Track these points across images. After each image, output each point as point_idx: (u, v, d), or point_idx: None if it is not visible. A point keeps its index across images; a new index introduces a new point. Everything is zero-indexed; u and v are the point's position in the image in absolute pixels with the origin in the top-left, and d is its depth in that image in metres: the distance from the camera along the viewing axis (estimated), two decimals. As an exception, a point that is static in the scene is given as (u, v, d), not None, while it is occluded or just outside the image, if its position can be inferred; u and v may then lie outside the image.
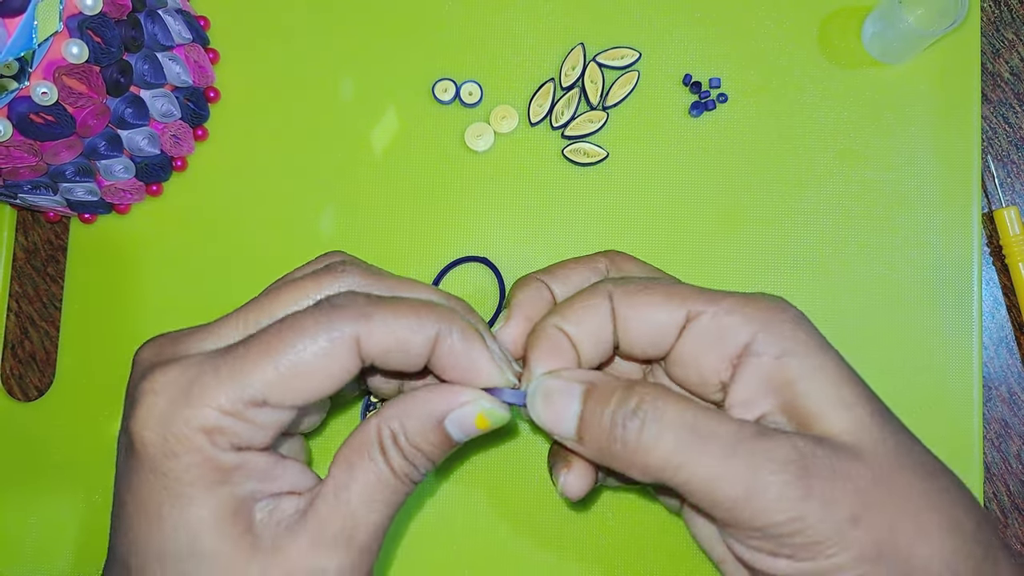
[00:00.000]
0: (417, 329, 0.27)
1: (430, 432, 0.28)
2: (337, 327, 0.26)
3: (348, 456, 0.28)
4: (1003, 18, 0.46)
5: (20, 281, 0.46)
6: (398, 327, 0.27)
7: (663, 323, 0.29)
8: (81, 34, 0.34)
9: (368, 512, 0.28)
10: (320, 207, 0.44)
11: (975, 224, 0.42)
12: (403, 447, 0.28)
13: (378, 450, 0.28)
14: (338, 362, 0.26)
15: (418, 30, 0.45)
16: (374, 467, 0.28)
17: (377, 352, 0.27)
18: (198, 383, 0.26)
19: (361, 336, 0.27)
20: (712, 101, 0.43)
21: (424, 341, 0.28)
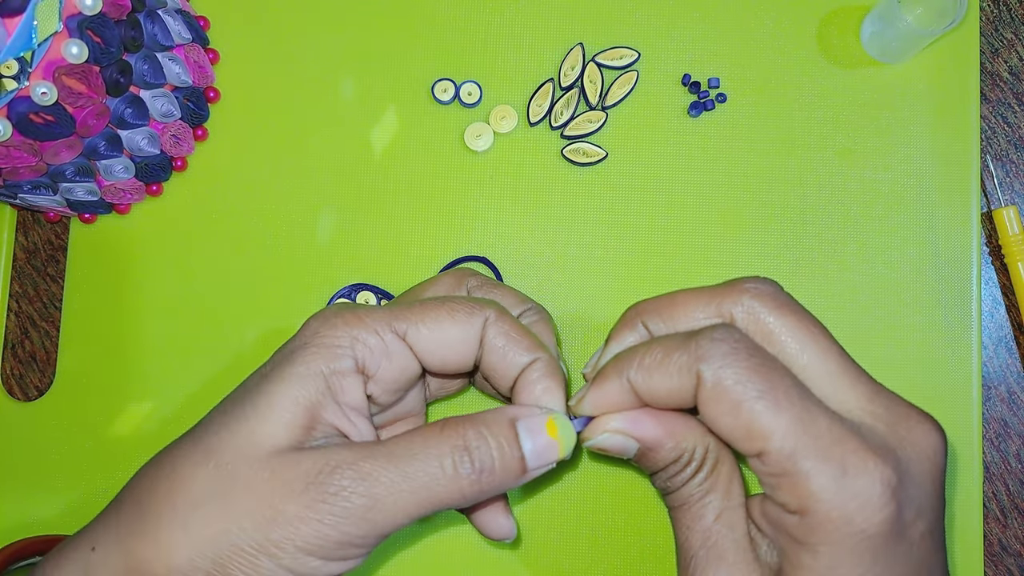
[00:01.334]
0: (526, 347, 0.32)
1: (502, 430, 0.29)
2: (478, 310, 0.31)
3: (412, 430, 0.29)
4: (1002, 18, 0.46)
5: (20, 281, 0.46)
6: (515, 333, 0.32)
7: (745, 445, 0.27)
8: (81, 34, 0.34)
9: (396, 476, 0.27)
10: (320, 207, 0.44)
11: (974, 224, 0.42)
12: (469, 436, 0.28)
13: (438, 431, 0.28)
14: (469, 337, 0.31)
15: (417, 30, 0.45)
16: (426, 442, 0.28)
17: (489, 347, 0.31)
18: (367, 309, 0.31)
19: (488, 323, 0.31)
20: (711, 101, 0.43)
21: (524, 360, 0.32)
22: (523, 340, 0.32)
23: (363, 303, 0.32)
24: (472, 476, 0.28)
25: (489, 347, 0.31)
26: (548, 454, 0.29)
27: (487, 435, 0.28)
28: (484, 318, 0.31)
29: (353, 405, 0.30)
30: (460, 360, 0.31)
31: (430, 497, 0.28)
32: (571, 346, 0.43)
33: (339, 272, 0.43)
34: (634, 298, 0.43)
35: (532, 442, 0.29)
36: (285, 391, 0.28)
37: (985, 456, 0.43)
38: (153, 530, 0.27)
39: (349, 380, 0.30)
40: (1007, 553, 0.43)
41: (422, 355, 0.31)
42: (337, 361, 0.29)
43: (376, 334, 0.30)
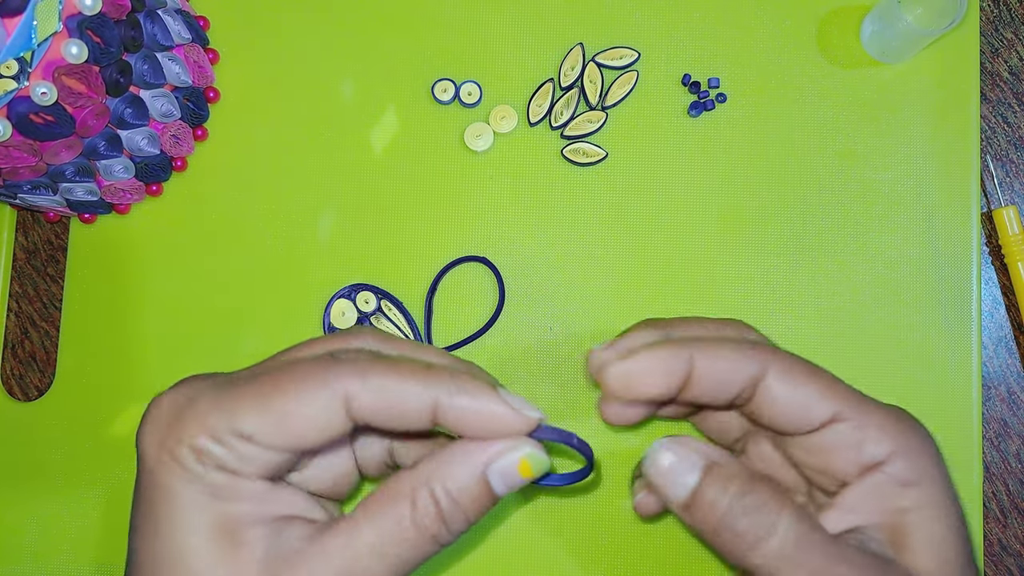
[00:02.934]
0: (413, 392, 0.27)
1: (473, 486, 0.27)
2: (330, 381, 0.26)
3: (373, 501, 0.27)
4: (1002, 17, 0.46)
5: (20, 281, 0.46)
6: (392, 389, 0.27)
7: (810, 414, 0.30)
8: (80, 34, 0.34)
9: (377, 562, 0.26)
10: (320, 207, 0.44)
11: (974, 223, 0.42)
12: (440, 501, 0.27)
13: (408, 503, 0.27)
14: (326, 416, 0.26)
15: (418, 30, 0.45)
16: (397, 518, 0.26)
17: (369, 413, 0.27)
18: (194, 405, 0.27)
19: (350, 394, 0.26)
20: (711, 101, 0.43)
21: (422, 404, 0.27)
22: (408, 383, 0.27)
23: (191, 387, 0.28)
24: (450, 537, 0.27)
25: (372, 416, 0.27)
26: (519, 484, 0.28)
27: (458, 498, 0.27)
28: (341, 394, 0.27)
29: (262, 491, 0.27)
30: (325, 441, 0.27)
31: (410, 565, 0.27)
32: (571, 345, 0.43)
33: (339, 272, 0.43)
34: (634, 297, 0.43)
35: (505, 485, 0.28)
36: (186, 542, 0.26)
37: (985, 456, 0.43)
38: None
39: (233, 485, 0.26)
40: (1007, 553, 0.43)
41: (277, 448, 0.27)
42: (201, 483, 0.26)
43: (215, 440, 0.26)
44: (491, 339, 0.43)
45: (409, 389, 0.27)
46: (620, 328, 0.42)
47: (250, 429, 0.26)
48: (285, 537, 0.26)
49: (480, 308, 0.43)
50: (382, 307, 0.43)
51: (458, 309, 0.43)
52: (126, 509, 0.43)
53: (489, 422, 0.27)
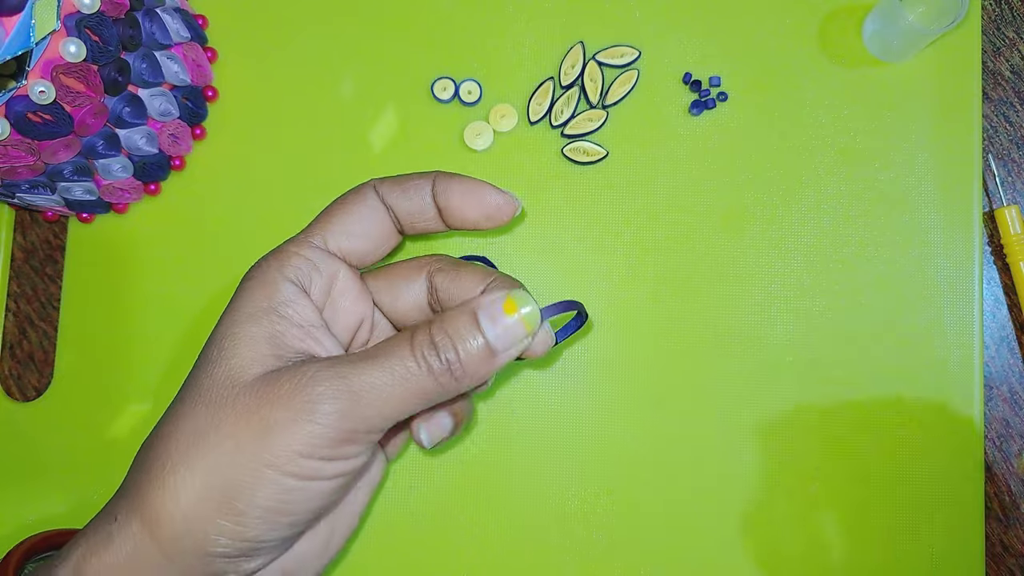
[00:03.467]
0: (417, 178, 0.34)
1: (463, 322, 0.30)
2: (362, 188, 0.34)
3: (375, 350, 0.30)
4: (1004, 16, 0.46)
5: (18, 281, 0.46)
6: (403, 178, 0.34)
7: None
8: (79, 33, 0.34)
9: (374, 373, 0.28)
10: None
11: (976, 223, 0.42)
12: (433, 332, 0.29)
13: (407, 346, 0.29)
14: (372, 208, 0.34)
15: (417, 29, 0.45)
16: (399, 361, 0.29)
17: (393, 199, 0.34)
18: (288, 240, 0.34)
19: (377, 186, 0.34)
20: (712, 99, 0.43)
21: (422, 183, 0.34)
22: (411, 175, 0.34)
23: None
24: (443, 367, 0.29)
25: (393, 201, 0.34)
26: (514, 333, 0.30)
27: (449, 330, 0.29)
28: (372, 187, 0.34)
29: (312, 323, 0.31)
30: (380, 231, 0.34)
31: (409, 390, 0.29)
32: (570, 345, 0.43)
33: (338, 272, 0.43)
34: (633, 297, 0.43)
35: (493, 325, 0.30)
36: (242, 331, 0.30)
37: (987, 456, 0.43)
38: (159, 478, 0.28)
39: (297, 303, 0.31)
40: (1008, 553, 0.43)
41: (350, 246, 0.33)
42: (275, 289, 0.31)
43: (296, 254, 0.32)
44: (491, 339, 0.43)
45: (414, 177, 0.34)
46: (619, 326, 0.42)
47: (326, 236, 0.33)
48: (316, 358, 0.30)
49: (480, 308, 0.43)
50: (382, 307, 0.43)
51: (458, 309, 0.43)
52: (125, 510, 0.43)
53: (473, 192, 0.33)
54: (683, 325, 0.42)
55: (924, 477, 0.41)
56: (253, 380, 0.29)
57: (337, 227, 0.33)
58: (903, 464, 0.41)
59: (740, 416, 0.42)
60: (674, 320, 0.42)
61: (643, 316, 0.43)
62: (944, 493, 0.41)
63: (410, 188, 0.34)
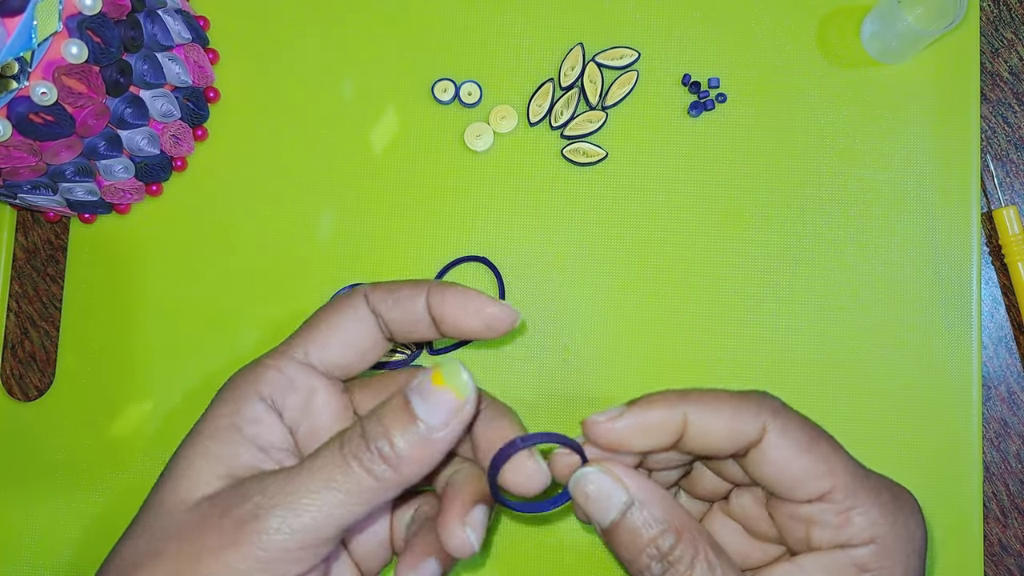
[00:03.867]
0: (410, 287, 0.32)
1: (394, 409, 0.28)
2: (353, 296, 0.32)
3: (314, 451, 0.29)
4: (1002, 17, 0.46)
5: (20, 281, 0.46)
6: (396, 287, 0.32)
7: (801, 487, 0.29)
8: (80, 34, 0.34)
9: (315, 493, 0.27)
10: (320, 207, 0.44)
11: (974, 224, 0.42)
12: (366, 429, 0.28)
13: (339, 436, 0.28)
14: (361, 319, 0.32)
15: (418, 30, 0.45)
16: (332, 450, 0.28)
17: (385, 311, 0.32)
18: (266, 353, 0.32)
19: (368, 294, 0.32)
20: (711, 101, 0.43)
21: (415, 293, 0.32)
22: (403, 284, 0.32)
23: None
24: (376, 458, 0.27)
25: (386, 312, 0.32)
26: (445, 407, 0.28)
27: (380, 417, 0.28)
28: (362, 296, 0.32)
29: (277, 444, 0.30)
30: (368, 344, 0.32)
31: (348, 491, 0.27)
32: (570, 345, 0.43)
33: (339, 272, 0.43)
34: (633, 298, 0.43)
35: (424, 402, 0.28)
36: (197, 449, 0.29)
37: (985, 456, 0.43)
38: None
39: (263, 422, 0.30)
40: (1007, 553, 0.43)
41: (331, 362, 0.32)
42: (242, 406, 0.30)
43: (272, 368, 0.31)
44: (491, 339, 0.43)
45: (407, 285, 0.32)
46: (619, 327, 0.42)
47: (308, 350, 0.31)
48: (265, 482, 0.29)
49: (480, 308, 0.43)
50: (382, 307, 0.43)
51: (458, 309, 0.43)
52: (126, 508, 0.43)
53: (467, 305, 0.31)
54: (683, 325, 0.42)
55: (922, 477, 0.41)
56: (195, 504, 0.28)
57: (321, 339, 0.32)
58: (901, 464, 0.41)
59: (739, 416, 0.42)
60: (674, 320, 0.43)
61: (643, 317, 0.43)
62: (942, 493, 0.41)
63: (403, 298, 0.32)
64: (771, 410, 0.29)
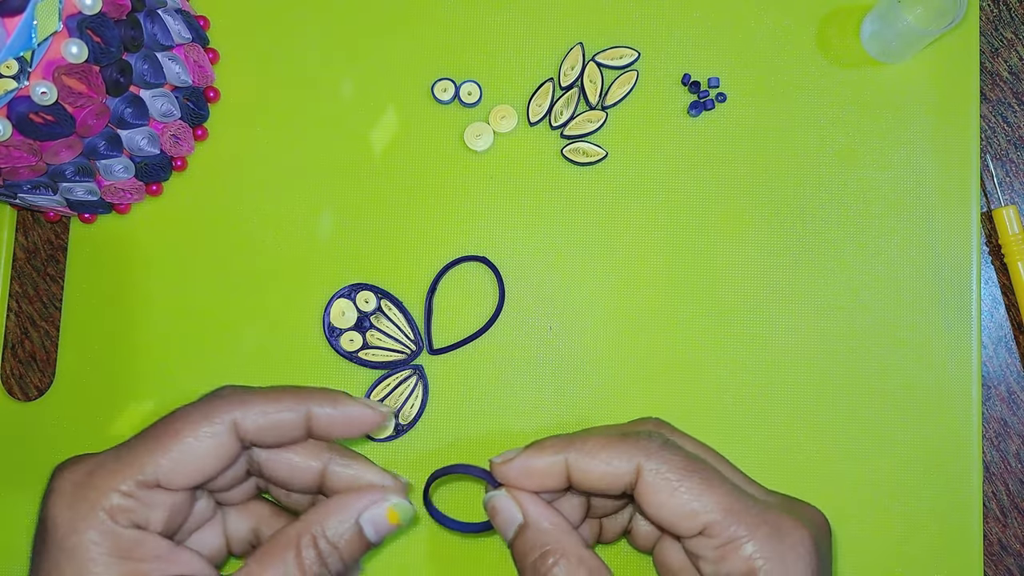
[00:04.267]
0: (289, 408, 0.31)
1: (347, 531, 0.31)
2: (217, 414, 0.30)
3: (262, 552, 0.30)
4: (1002, 17, 0.46)
5: (20, 281, 0.46)
6: (271, 408, 0.31)
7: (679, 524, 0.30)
8: (81, 34, 0.34)
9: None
10: (319, 207, 0.44)
11: (974, 223, 0.42)
12: (320, 547, 0.30)
13: (293, 551, 0.30)
14: (218, 444, 0.30)
15: (418, 30, 0.45)
16: (284, 563, 0.29)
17: (255, 432, 0.31)
18: (101, 469, 0.29)
19: (238, 419, 0.30)
20: (711, 100, 0.43)
21: (296, 417, 0.31)
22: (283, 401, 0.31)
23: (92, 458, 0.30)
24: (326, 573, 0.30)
25: (257, 435, 0.31)
26: (389, 533, 0.32)
27: (334, 541, 0.30)
28: (229, 421, 0.30)
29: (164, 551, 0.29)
30: (222, 465, 0.31)
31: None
32: (571, 346, 0.43)
33: (339, 272, 0.43)
34: (633, 298, 0.43)
35: (375, 531, 0.31)
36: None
37: (985, 456, 0.43)
38: None
39: (143, 544, 0.29)
40: (1007, 552, 0.43)
41: (182, 486, 0.30)
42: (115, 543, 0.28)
43: (126, 495, 0.29)
44: (491, 339, 0.43)
45: (285, 406, 0.31)
46: (620, 327, 0.43)
47: (156, 476, 0.29)
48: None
49: (480, 308, 0.43)
50: (382, 307, 0.43)
51: (458, 309, 0.43)
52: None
53: (352, 421, 0.32)
54: (683, 325, 0.42)
55: (922, 476, 0.41)
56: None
57: (172, 464, 0.29)
58: (901, 463, 0.41)
59: (740, 415, 0.42)
60: (674, 320, 0.43)
61: (643, 316, 0.43)
62: (942, 493, 0.41)
63: (281, 425, 0.31)
64: (645, 452, 0.30)
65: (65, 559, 0.28)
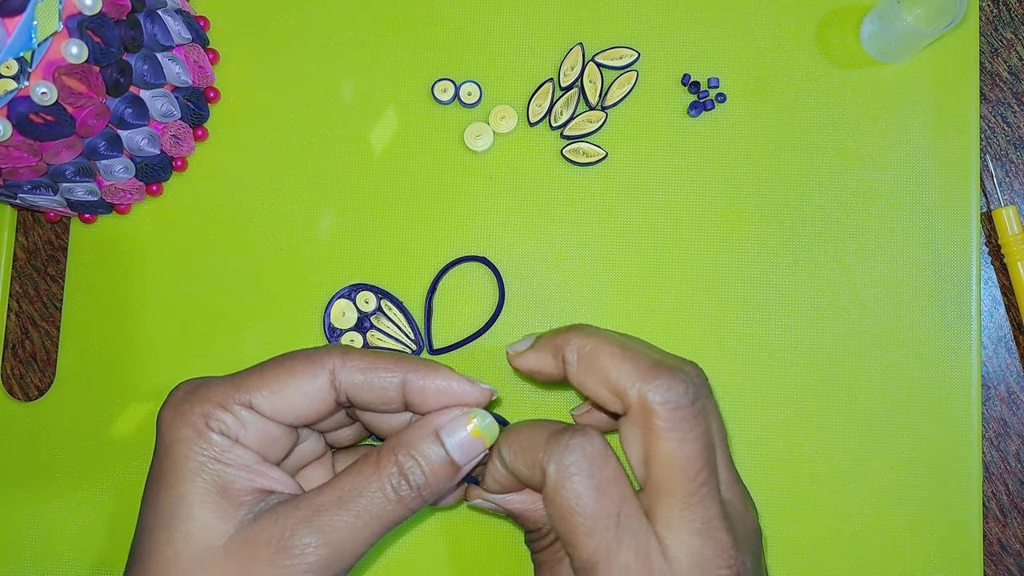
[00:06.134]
0: (386, 368, 0.32)
1: (428, 444, 0.31)
2: (319, 360, 0.32)
3: (347, 469, 0.31)
4: (1002, 17, 0.46)
5: (20, 281, 0.46)
6: (368, 365, 0.32)
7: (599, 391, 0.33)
8: (81, 34, 0.34)
9: (340, 511, 0.30)
10: (320, 207, 0.44)
11: (974, 223, 0.42)
12: (403, 464, 0.31)
13: (372, 463, 0.31)
14: (315, 389, 0.32)
15: (417, 30, 0.45)
16: (363, 474, 0.31)
17: (350, 386, 0.32)
18: (206, 384, 0.32)
19: (336, 369, 0.32)
20: (711, 101, 0.43)
21: (394, 381, 0.32)
22: (381, 362, 0.33)
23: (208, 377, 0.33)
24: (413, 494, 0.31)
25: (352, 389, 0.32)
26: (474, 449, 0.32)
27: (417, 456, 0.31)
28: (329, 368, 0.32)
29: (255, 461, 0.31)
30: (316, 412, 0.32)
31: (382, 523, 0.30)
32: (571, 346, 0.43)
33: (339, 272, 0.43)
34: (633, 298, 0.43)
35: (459, 448, 0.32)
36: (189, 490, 0.30)
37: (985, 456, 0.43)
38: None
39: (232, 450, 0.31)
40: (1007, 552, 0.43)
41: (275, 418, 0.32)
42: (206, 444, 0.30)
43: (222, 408, 0.31)
44: (491, 339, 0.43)
45: (382, 367, 0.32)
46: (619, 327, 0.42)
47: (252, 399, 0.31)
48: (269, 501, 0.30)
49: (480, 308, 0.43)
50: (382, 307, 0.43)
51: (458, 309, 0.43)
52: (128, 508, 0.43)
53: (449, 394, 0.33)
54: (683, 325, 0.43)
55: (922, 476, 0.41)
56: (226, 543, 0.29)
57: (270, 395, 0.32)
58: (900, 463, 0.41)
59: (740, 415, 0.42)
60: (674, 320, 0.43)
61: (643, 316, 0.43)
62: (942, 492, 0.41)
63: (376, 383, 0.32)
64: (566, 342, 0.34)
65: (164, 453, 0.31)
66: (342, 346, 0.33)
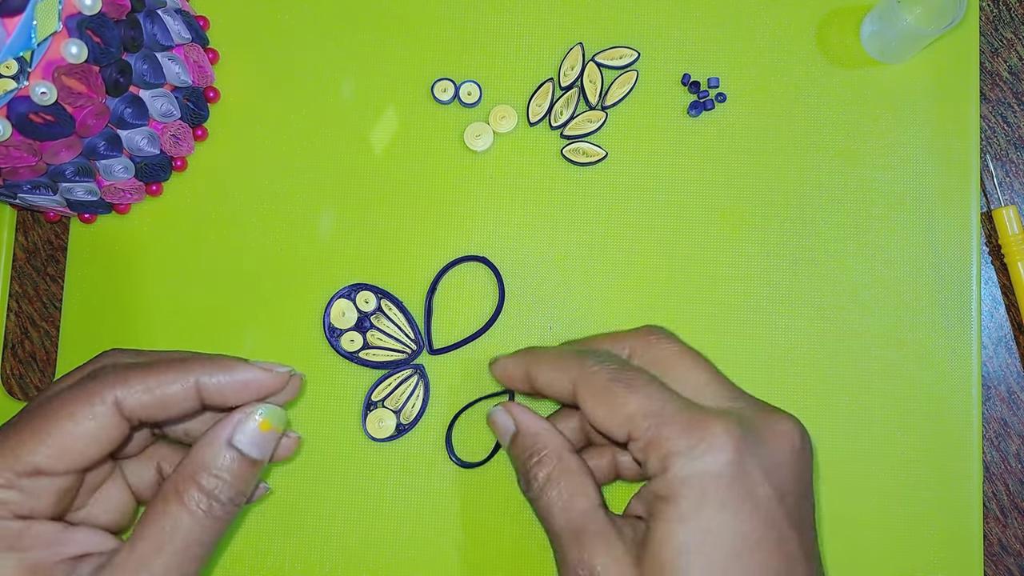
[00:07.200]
0: (174, 379, 0.30)
1: (223, 456, 0.30)
2: (97, 394, 0.29)
3: (149, 508, 0.30)
4: (1002, 17, 0.46)
5: (20, 281, 0.46)
6: (154, 382, 0.30)
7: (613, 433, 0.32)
8: (80, 34, 0.34)
9: (160, 556, 0.28)
10: (320, 207, 0.44)
11: (974, 223, 0.42)
12: (204, 484, 0.30)
13: (174, 496, 0.29)
14: (102, 426, 0.29)
15: (417, 30, 0.45)
16: (169, 512, 0.29)
17: (140, 410, 0.30)
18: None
19: (120, 399, 0.29)
20: (711, 101, 0.43)
21: (186, 388, 0.30)
22: (167, 374, 0.30)
23: None
24: (228, 507, 0.30)
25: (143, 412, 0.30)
26: (269, 440, 0.32)
27: (218, 473, 0.30)
28: (110, 400, 0.29)
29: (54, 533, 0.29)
30: (108, 447, 0.30)
31: (207, 544, 0.30)
32: (571, 346, 0.43)
33: (339, 272, 0.43)
34: (633, 297, 0.43)
35: (254, 445, 0.31)
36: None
37: (985, 456, 0.43)
38: None
39: (28, 532, 0.28)
40: (1007, 553, 0.43)
41: (68, 471, 0.29)
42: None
43: (5, 487, 0.28)
44: (491, 339, 0.43)
45: (170, 378, 0.30)
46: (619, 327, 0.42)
47: (36, 462, 0.28)
48: (82, 571, 0.29)
49: (480, 308, 0.43)
50: (382, 307, 0.43)
51: (458, 309, 0.43)
52: (126, 509, 0.43)
53: (248, 386, 0.31)
54: (683, 325, 0.42)
55: (922, 477, 0.41)
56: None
57: (55, 451, 0.28)
58: (901, 464, 0.41)
59: (739, 416, 0.42)
60: (674, 321, 0.43)
61: (643, 317, 0.43)
62: (942, 492, 0.41)
63: (168, 399, 0.30)
64: (580, 366, 0.34)
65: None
66: (120, 367, 0.30)
